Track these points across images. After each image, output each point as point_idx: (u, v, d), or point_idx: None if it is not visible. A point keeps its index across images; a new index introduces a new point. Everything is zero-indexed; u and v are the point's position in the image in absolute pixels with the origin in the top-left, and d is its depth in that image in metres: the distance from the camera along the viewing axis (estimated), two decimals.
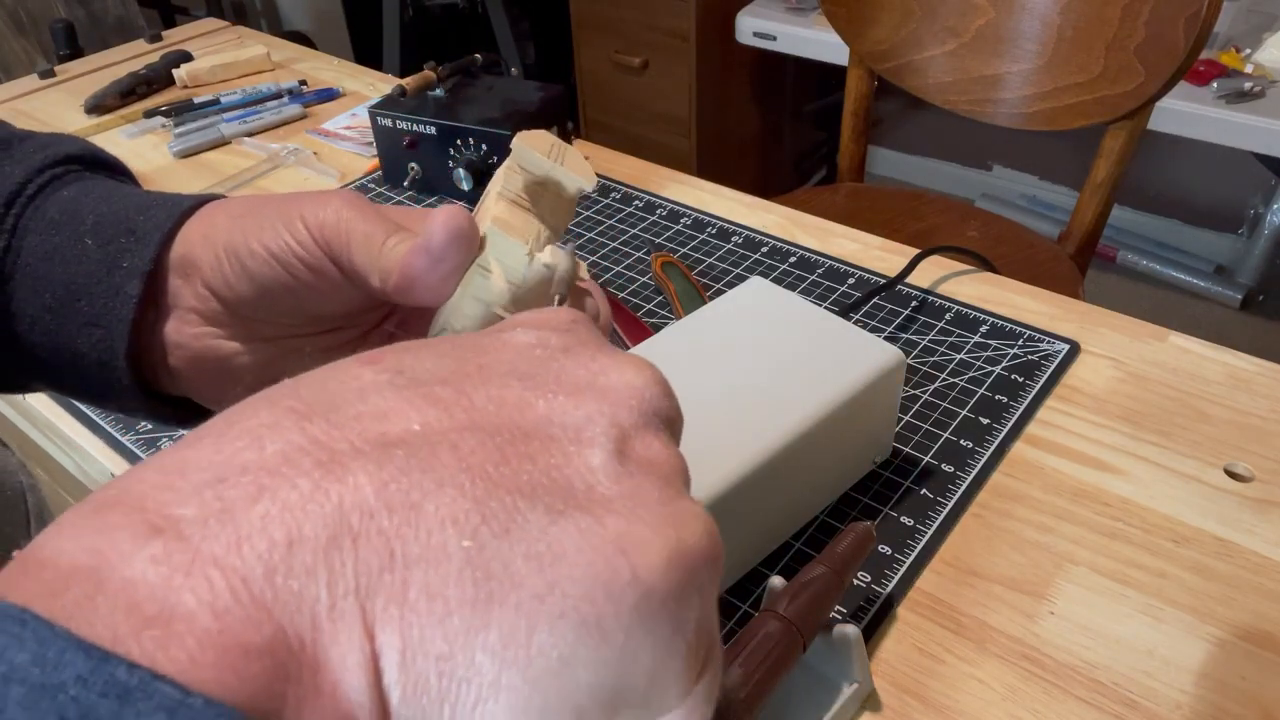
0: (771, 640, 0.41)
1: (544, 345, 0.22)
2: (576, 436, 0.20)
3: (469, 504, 0.18)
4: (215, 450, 0.18)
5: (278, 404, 0.19)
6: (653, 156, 0.99)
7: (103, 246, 0.33)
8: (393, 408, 0.19)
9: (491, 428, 0.19)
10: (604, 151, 0.97)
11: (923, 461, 0.59)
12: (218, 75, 1.15)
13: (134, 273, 0.33)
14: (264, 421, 0.18)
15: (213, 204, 0.35)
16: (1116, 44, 1.04)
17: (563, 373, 0.21)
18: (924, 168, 2.47)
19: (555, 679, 0.17)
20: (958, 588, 0.51)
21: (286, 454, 0.17)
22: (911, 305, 0.73)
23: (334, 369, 0.21)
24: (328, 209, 0.31)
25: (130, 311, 0.33)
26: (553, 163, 0.33)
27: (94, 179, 0.37)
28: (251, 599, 0.16)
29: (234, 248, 0.32)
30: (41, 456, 0.74)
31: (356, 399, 0.19)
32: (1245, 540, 0.53)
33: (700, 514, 0.20)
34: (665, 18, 1.99)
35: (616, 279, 0.78)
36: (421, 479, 0.18)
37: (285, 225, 0.32)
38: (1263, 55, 1.68)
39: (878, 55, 1.24)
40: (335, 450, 0.18)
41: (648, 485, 0.19)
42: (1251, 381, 0.64)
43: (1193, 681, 0.46)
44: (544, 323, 0.23)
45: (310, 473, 0.17)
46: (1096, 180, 1.11)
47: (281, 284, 0.32)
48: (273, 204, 0.33)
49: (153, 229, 0.33)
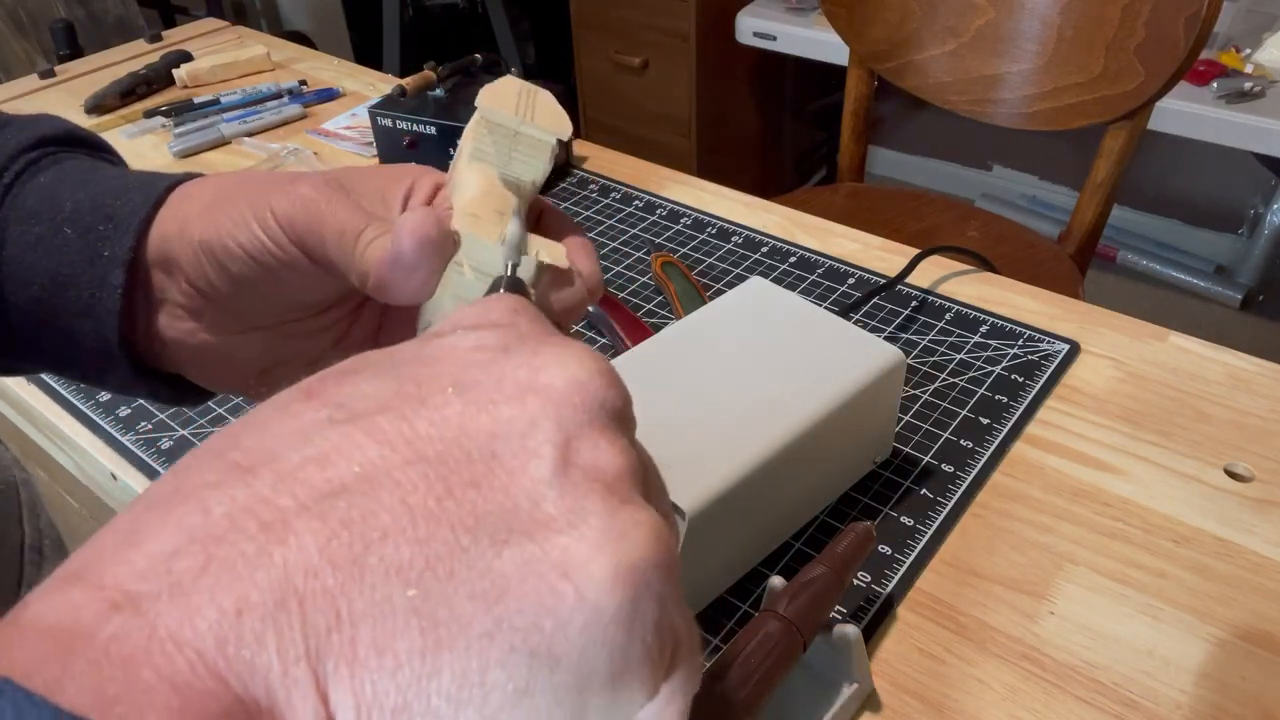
0: (771, 640, 0.41)
1: (483, 347, 0.22)
2: (521, 447, 0.20)
3: (412, 550, 0.18)
4: (163, 519, 0.18)
5: (223, 457, 0.19)
6: (653, 156, 0.99)
7: (82, 235, 0.33)
8: (334, 449, 0.19)
9: (434, 456, 0.19)
10: (604, 151, 0.97)
11: (923, 461, 0.59)
12: (218, 75, 1.15)
13: (115, 262, 0.33)
14: (209, 481, 0.18)
15: (185, 188, 0.34)
16: (1116, 44, 1.04)
17: (504, 376, 0.21)
18: (924, 168, 2.47)
19: (514, 709, 0.18)
20: (958, 588, 0.51)
21: (232, 516, 0.18)
22: (911, 305, 0.73)
23: (275, 408, 0.20)
24: (296, 199, 0.31)
25: (117, 303, 0.33)
26: (520, 119, 0.32)
27: (70, 159, 0.36)
28: (207, 670, 0.16)
29: (209, 245, 0.32)
30: (41, 456, 0.74)
31: (298, 443, 0.19)
32: (1245, 540, 0.53)
33: (645, 520, 0.19)
34: (665, 18, 1.99)
35: (616, 279, 0.78)
36: (364, 530, 0.18)
37: (256, 218, 0.31)
38: (1263, 55, 1.68)
39: (878, 55, 1.24)
40: (279, 507, 0.18)
41: (592, 497, 0.19)
42: (1251, 381, 0.64)
43: (1193, 681, 0.46)
44: (483, 319, 0.23)
45: (255, 536, 0.17)
46: (1096, 180, 1.11)
47: (262, 279, 0.32)
48: (243, 191, 0.32)
49: (130, 214, 0.33)
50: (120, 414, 0.67)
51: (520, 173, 0.32)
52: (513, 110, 0.32)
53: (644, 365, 0.54)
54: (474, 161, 0.32)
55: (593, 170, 0.94)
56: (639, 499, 0.20)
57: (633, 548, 0.19)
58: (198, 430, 0.65)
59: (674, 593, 0.20)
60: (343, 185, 0.32)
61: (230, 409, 0.67)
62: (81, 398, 0.69)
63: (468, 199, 0.31)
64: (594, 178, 0.92)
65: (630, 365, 0.54)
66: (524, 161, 0.32)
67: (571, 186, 0.91)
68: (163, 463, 0.63)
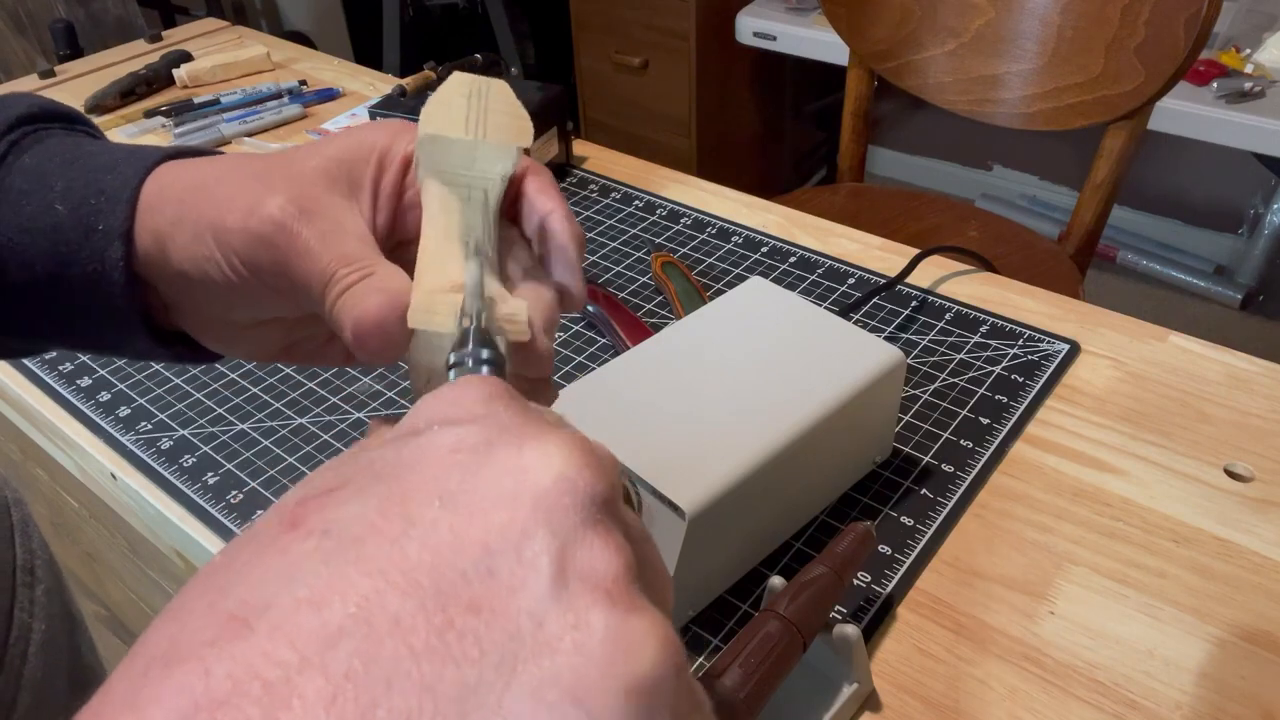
0: (771, 640, 0.41)
1: (462, 446, 0.21)
2: (517, 561, 0.19)
3: (420, 696, 0.17)
4: (163, 681, 0.18)
5: (216, 608, 0.19)
6: (653, 156, 0.99)
7: (74, 211, 0.33)
8: (326, 587, 0.19)
9: (430, 585, 0.19)
10: (604, 151, 0.97)
11: (923, 461, 0.59)
12: (218, 75, 1.15)
13: (112, 235, 0.32)
14: (206, 638, 0.18)
15: (160, 179, 0.33)
16: (1116, 44, 1.04)
17: (490, 482, 0.20)
18: (924, 168, 2.47)
19: None
20: (958, 588, 0.51)
21: (234, 678, 0.17)
22: (911, 305, 0.73)
23: (260, 543, 0.20)
24: (257, 240, 0.30)
25: (121, 276, 0.33)
26: (473, 133, 0.29)
27: (52, 137, 0.36)
28: None
29: (182, 264, 0.32)
30: (42, 457, 0.74)
31: (289, 584, 0.19)
32: (1245, 540, 0.53)
33: (652, 629, 0.19)
34: (665, 18, 1.99)
35: (616, 279, 0.78)
36: (369, 682, 0.17)
37: (217, 245, 0.31)
38: (1263, 55, 1.68)
39: (878, 55, 1.24)
40: (280, 661, 0.18)
41: (595, 610, 0.19)
42: (1251, 381, 0.64)
43: (1193, 681, 0.46)
44: (457, 410, 0.22)
45: (260, 699, 0.17)
46: (1096, 180, 1.11)
47: (239, 296, 0.32)
48: (208, 200, 0.31)
49: (121, 187, 0.33)
50: (120, 414, 0.67)
51: (486, 170, 0.31)
52: (463, 121, 0.29)
53: (644, 365, 0.54)
54: (430, 179, 0.30)
55: (593, 170, 0.94)
56: (640, 601, 0.20)
57: (641, 662, 0.18)
58: (197, 430, 0.65)
59: (687, 694, 0.20)
60: (308, 207, 0.31)
61: (231, 409, 0.67)
62: (81, 398, 0.69)
63: (424, 266, 0.29)
64: (594, 178, 0.92)
65: (630, 365, 0.54)
66: (488, 162, 0.31)
67: (571, 186, 0.91)
68: (163, 463, 0.63)
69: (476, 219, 0.30)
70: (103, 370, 0.71)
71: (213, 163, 0.34)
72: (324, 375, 0.70)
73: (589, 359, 0.70)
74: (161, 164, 0.34)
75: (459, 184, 0.30)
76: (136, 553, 0.76)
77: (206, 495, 0.60)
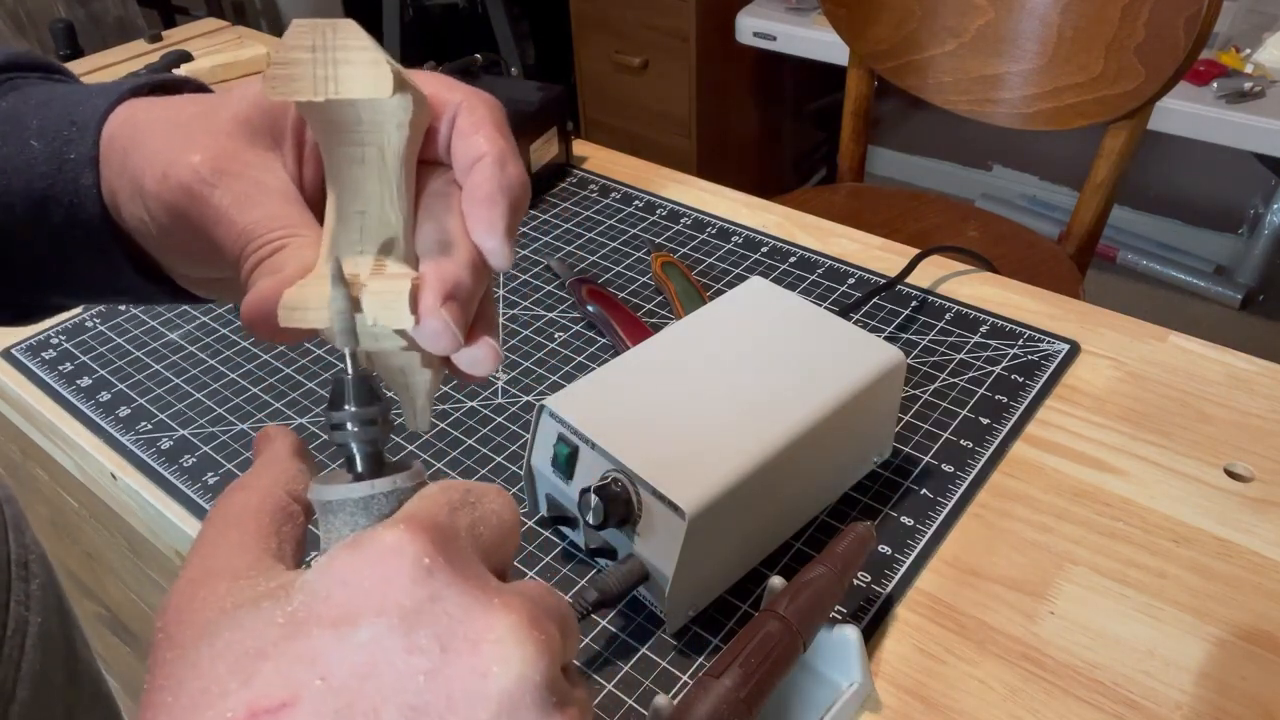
0: (771, 640, 0.41)
1: (415, 648, 0.21)
2: None
3: None
4: None
5: None
6: (653, 156, 0.99)
7: (49, 144, 0.32)
8: None
9: None
10: (604, 151, 0.97)
11: (923, 461, 0.59)
12: (218, 75, 1.15)
13: (83, 163, 0.32)
14: None
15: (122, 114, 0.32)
16: (1116, 44, 1.04)
17: (452, 692, 0.20)
18: (924, 168, 2.47)
19: None
20: (958, 588, 0.51)
21: None
22: (911, 305, 0.73)
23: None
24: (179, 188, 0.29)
25: (97, 204, 0.32)
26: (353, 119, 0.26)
27: (28, 84, 0.35)
28: None
29: (129, 219, 0.31)
30: (41, 457, 0.74)
31: None
32: (1245, 540, 0.53)
33: None
34: (665, 18, 1.99)
35: (616, 279, 0.78)
36: None
37: (144, 204, 0.30)
38: (1263, 55, 1.68)
39: (878, 55, 1.24)
40: None
41: None
42: (1251, 381, 0.64)
43: (1193, 681, 0.46)
44: (393, 597, 0.21)
45: None
46: (1096, 180, 1.11)
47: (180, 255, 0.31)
48: (139, 154, 0.30)
49: (91, 115, 0.32)
50: (120, 414, 0.67)
51: (375, 124, 0.27)
52: (310, 78, 0.25)
53: (644, 365, 0.54)
54: (321, 143, 0.27)
55: (592, 170, 0.94)
56: None
57: None
58: (197, 430, 0.65)
59: None
60: (223, 166, 0.29)
61: (230, 409, 0.67)
62: (81, 398, 0.69)
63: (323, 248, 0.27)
64: (594, 177, 0.92)
65: (630, 365, 0.54)
66: (373, 116, 0.27)
67: (571, 186, 0.91)
68: (163, 463, 0.63)
69: (371, 184, 0.27)
70: (103, 370, 0.71)
71: (165, 105, 0.32)
72: (324, 375, 0.70)
73: (589, 359, 0.70)
74: (130, 98, 0.33)
75: (352, 144, 0.27)
76: (136, 553, 0.76)
77: (206, 495, 0.60)
